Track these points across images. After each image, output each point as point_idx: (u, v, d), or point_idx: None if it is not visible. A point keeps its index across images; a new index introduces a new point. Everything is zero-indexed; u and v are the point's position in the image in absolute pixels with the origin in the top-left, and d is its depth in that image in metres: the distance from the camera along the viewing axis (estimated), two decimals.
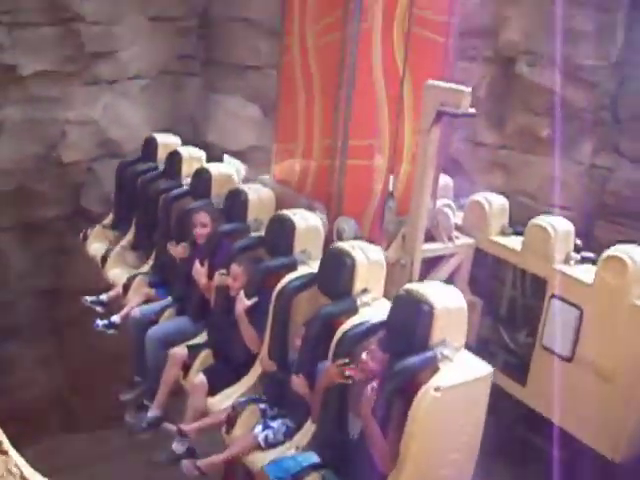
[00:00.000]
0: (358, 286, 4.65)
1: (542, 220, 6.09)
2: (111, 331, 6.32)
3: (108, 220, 7.68)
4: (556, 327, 5.79)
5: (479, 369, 4.07)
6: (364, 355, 4.06)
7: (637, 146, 9.57)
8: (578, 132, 9.67)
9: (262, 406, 4.73)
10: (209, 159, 7.18)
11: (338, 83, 5.63)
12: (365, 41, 5.53)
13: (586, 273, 5.71)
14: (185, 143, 7.52)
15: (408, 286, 4.33)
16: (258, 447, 4.48)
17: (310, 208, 5.70)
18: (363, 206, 5.89)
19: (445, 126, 5.69)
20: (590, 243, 8.44)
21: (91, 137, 9.23)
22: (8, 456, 1.33)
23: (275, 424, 4.56)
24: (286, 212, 5.46)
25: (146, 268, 6.75)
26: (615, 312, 5.35)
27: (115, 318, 6.30)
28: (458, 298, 4.17)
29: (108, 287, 6.90)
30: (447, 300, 4.07)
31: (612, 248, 5.52)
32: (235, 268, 5.27)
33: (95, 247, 7.48)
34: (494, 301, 6.54)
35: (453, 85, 5.28)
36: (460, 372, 3.95)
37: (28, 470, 1.37)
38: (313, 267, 5.11)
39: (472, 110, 5.21)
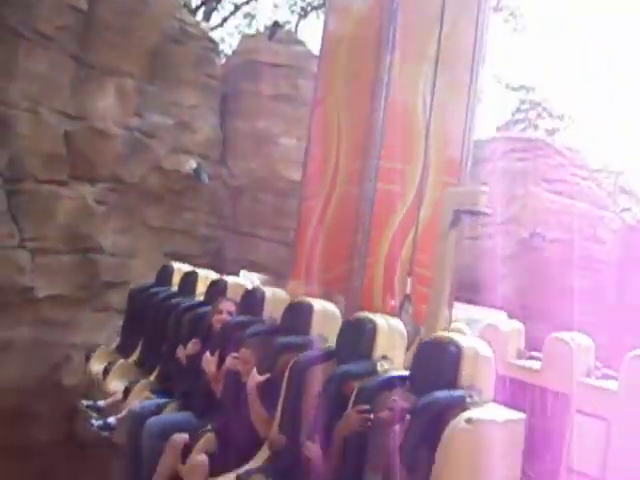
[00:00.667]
0: (378, 351, 4.39)
1: (562, 334, 5.85)
2: (105, 433, 5.89)
3: (114, 345, 7.42)
4: (582, 445, 5.37)
5: (511, 414, 3.81)
6: (394, 397, 3.73)
7: None
8: None
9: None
10: None
11: None
12: (367, 294, 5.87)
13: (610, 385, 5.33)
14: None
15: (434, 334, 4.17)
16: None
17: (329, 299, 5.46)
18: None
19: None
20: None
21: None
22: None
23: None
24: (304, 297, 5.26)
25: (151, 378, 6.31)
26: None
27: (112, 420, 5.89)
28: (486, 347, 3.97)
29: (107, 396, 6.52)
30: (475, 345, 3.90)
31: (636, 350, 5.21)
32: (244, 352, 4.95)
33: (96, 367, 7.06)
34: None
35: (470, 187, 5.42)
36: (491, 412, 3.67)
37: None
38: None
39: (488, 210, 5.21)
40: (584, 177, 11.57)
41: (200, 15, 16.50)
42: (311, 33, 20.47)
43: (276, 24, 12.39)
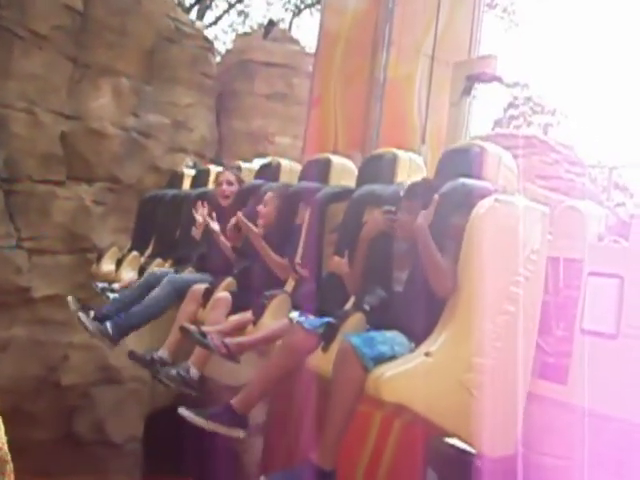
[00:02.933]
0: (400, 177, 4.33)
1: (573, 202, 5.80)
2: (111, 294, 5.78)
3: (126, 248, 7.18)
4: (595, 305, 5.32)
5: (537, 207, 3.78)
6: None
7: None
8: None
9: (295, 313, 3.94)
10: None
11: None
12: None
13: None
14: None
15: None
16: None
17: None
18: None
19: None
20: None
21: (91, 362, 9.38)
22: None
23: (312, 317, 3.78)
24: (322, 154, 5.16)
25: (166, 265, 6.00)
26: None
27: (116, 286, 5.86)
28: (510, 158, 3.94)
29: None
30: (499, 151, 3.86)
31: None
32: (269, 194, 4.83)
33: (108, 266, 6.90)
34: None
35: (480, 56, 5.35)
36: (519, 200, 3.61)
37: None
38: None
39: (500, 75, 5.27)
40: (579, 173, 11.60)
41: (194, 13, 16.51)
42: (305, 31, 20.59)
43: (271, 22, 12.44)
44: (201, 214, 5.40)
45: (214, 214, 5.28)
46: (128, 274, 6.30)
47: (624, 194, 17.57)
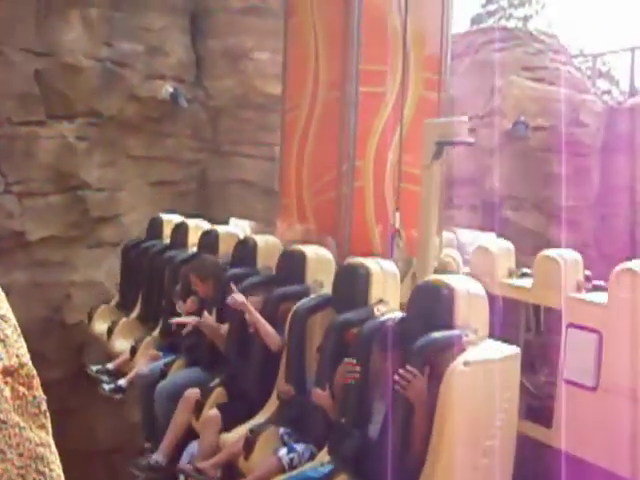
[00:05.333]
0: (374, 296, 4.49)
1: (550, 252, 5.95)
2: (118, 395, 6.11)
3: (113, 301, 7.58)
4: (576, 357, 5.43)
5: (507, 349, 3.95)
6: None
7: None
8: None
9: (281, 430, 4.44)
10: None
11: (336, 240, 5.94)
12: (359, 198, 5.92)
13: (600, 297, 5.42)
14: None
15: (426, 277, 4.33)
16: (282, 471, 4.16)
17: (320, 243, 5.61)
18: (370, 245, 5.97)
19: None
20: None
21: (95, 298, 9.41)
22: None
23: (299, 448, 4.26)
24: (296, 245, 5.39)
25: (154, 334, 6.48)
26: (636, 328, 4.99)
27: (122, 382, 6.10)
28: (477, 287, 4.08)
29: (113, 356, 6.76)
30: (467, 286, 3.99)
31: (622, 264, 5.24)
32: (251, 299, 5.02)
33: (100, 325, 7.27)
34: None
35: (450, 118, 5.49)
36: (488, 351, 3.81)
37: None
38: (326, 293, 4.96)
39: (470, 139, 5.37)
40: (563, 62, 11.47)
41: None
42: None
43: None
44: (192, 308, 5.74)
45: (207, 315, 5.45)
46: (120, 344, 6.73)
47: (609, 82, 17.39)
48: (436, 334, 3.71)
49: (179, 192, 10.32)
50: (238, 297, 4.92)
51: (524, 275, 6.34)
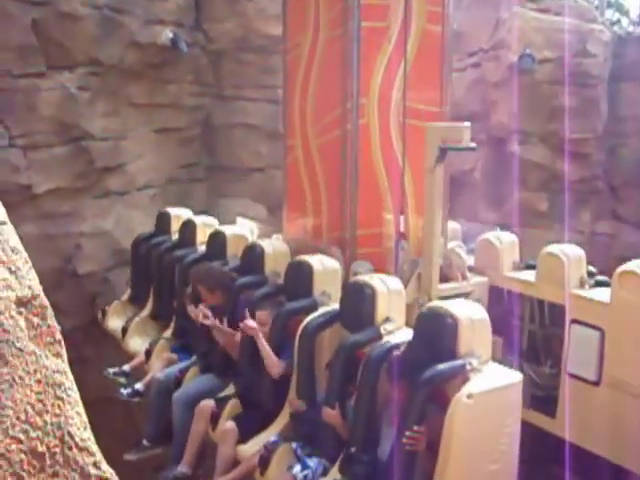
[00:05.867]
0: (380, 315, 4.65)
1: (554, 248, 6.12)
2: (136, 399, 6.28)
3: (126, 296, 7.76)
4: (579, 352, 5.71)
5: (509, 376, 4.12)
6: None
7: (634, 210, 9.86)
8: (576, 202, 9.97)
9: (294, 445, 4.64)
10: None
11: (342, 178, 5.93)
12: (364, 136, 5.88)
13: (603, 294, 5.67)
14: None
15: (430, 303, 4.48)
16: None
17: (326, 253, 5.74)
18: (376, 250, 6.01)
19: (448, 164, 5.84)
20: None
21: (105, 248, 9.50)
22: None
23: (312, 463, 4.46)
24: (303, 257, 5.51)
25: (167, 334, 6.72)
26: (636, 327, 5.25)
27: (139, 386, 6.28)
28: (481, 311, 4.23)
29: (129, 357, 6.93)
30: (470, 313, 4.14)
31: (625, 264, 5.48)
32: (261, 314, 5.24)
33: (114, 322, 7.51)
34: (514, 338, 6.42)
35: (453, 123, 5.51)
36: (490, 380, 3.97)
37: None
38: (334, 307, 5.11)
39: (473, 144, 5.41)
40: None
41: None
42: None
43: None
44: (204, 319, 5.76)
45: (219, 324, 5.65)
46: (135, 343, 7.02)
47: (619, 11, 17.04)
48: (441, 366, 3.91)
49: (183, 138, 10.29)
50: (250, 324, 5.12)
51: (529, 267, 6.47)
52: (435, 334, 4.09)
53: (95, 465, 1.41)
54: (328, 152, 6.10)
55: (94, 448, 1.44)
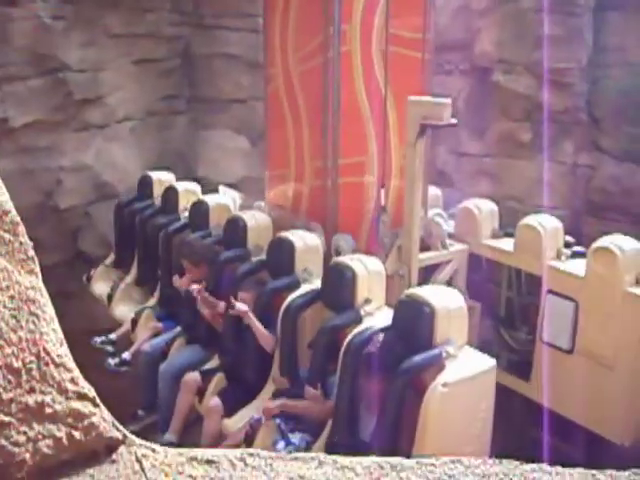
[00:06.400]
0: (360, 297, 4.82)
1: (531, 219, 6.30)
2: (124, 368, 6.39)
3: (110, 260, 7.82)
4: (554, 321, 5.95)
5: (483, 363, 4.29)
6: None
7: (616, 143, 9.83)
8: (558, 133, 9.92)
9: (277, 421, 4.77)
10: (204, 193, 7.38)
11: (324, 106, 5.85)
12: (346, 63, 5.77)
13: (578, 267, 5.86)
14: (178, 179, 7.74)
15: (408, 291, 4.57)
16: None
17: (307, 228, 5.86)
18: (358, 222, 6.06)
19: (429, 138, 5.89)
20: (580, 239, 8.67)
21: (86, 182, 9.40)
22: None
23: (295, 439, 4.60)
24: (285, 234, 5.62)
25: (152, 302, 6.85)
26: (609, 301, 5.48)
27: (126, 355, 6.40)
28: (457, 298, 4.40)
29: (115, 326, 6.98)
30: (447, 301, 4.29)
31: (600, 240, 5.68)
32: (243, 295, 5.41)
33: (100, 287, 7.64)
34: (492, 303, 6.69)
35: (434, 99, 5.52)
36: (465, 367, 4.14)
37: None
38: (315, 284, 5.27)
39: (454, 120, 5.42)
40: None
41: None
42: None
43: None
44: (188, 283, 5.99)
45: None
46: (121, 311, 7.14)
47: None
48: (417, 358, 4.08)
49: (163, 69, 10.08)
50: (242, 308, 5.23)
51: (507, 235, 6.61)
52: (412, 323, 4.25)
53: (73, 381, 1.40)
54: (309, 80, 6.01)
55: (71, 365, 1.43)
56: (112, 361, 6.45)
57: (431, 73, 6.49)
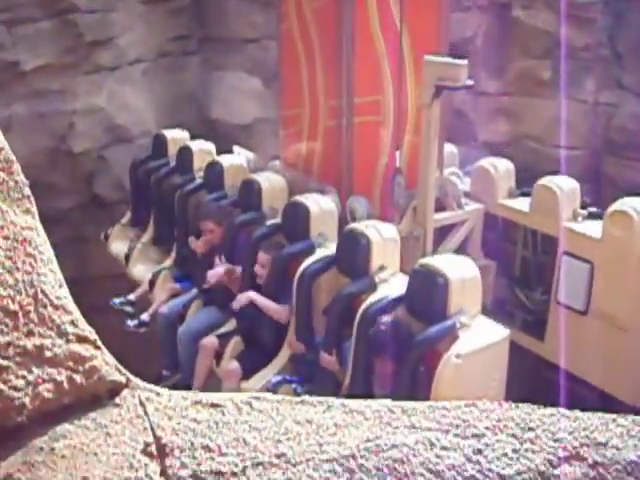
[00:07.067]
0: (375, 264, 4.84)
1: (548, 180, 6.20)
2: (143, 329, 6.47)
3: (126, 218, 7.84)
4: (569, 283, 5.93)
5: (496, 333, 4.31)
6: None
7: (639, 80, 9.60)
8: (579, 71, 9.68)
9: (294, 385, 4.88)
10: (216, 136, 7.32)
11: (338, 43, 5.71)
12: None
13: (594, 228, 5.82)
14: (190, 122, 7.67)
15: (423, 260, 4.58)
16: None
17: (322, 191, 5.83)
18: (372, 182, 6.01)
19: (445, 99, 5.79)
20: (599, 179, 8.53)
21: (99, 125, 9.30)
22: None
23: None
24: (300, 198, 5.60)
25: (169, 262, 6.90)
26: (624, 264, 5.47)
27: (145, 316, 6.48)
28: (471, 267, 4.40)
29: (133, 284, 7.06)
30: (461, 271, 4.30)
31: (617, 202, 5.62)
32: (263, 256, 5.40)
33: (117, 246, 7.67)
34: (508, 263, 6.66)
35: (450, 60, 5.39)
36: (478, 338, 4.16)
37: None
38: (330, 249, 5.28)
39: (470, 82, 5.34)
40: None
41: None
42: None
43: None
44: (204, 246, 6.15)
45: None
46: (138, 271, 7.14)
47: None
48: (431, 330, 4.11)
49: (174, 9, 9.85)
50: (243, 298, 5.32)
51: (524, 194, 6.52)
52: (426, 293, 4.29)
53: (73, 323, 1.36)
54: (323, 17, 5.87)
55: (71, 307, 1.38)
56: (131, 323, 6.54)
57: (448, 9, 6.31)
